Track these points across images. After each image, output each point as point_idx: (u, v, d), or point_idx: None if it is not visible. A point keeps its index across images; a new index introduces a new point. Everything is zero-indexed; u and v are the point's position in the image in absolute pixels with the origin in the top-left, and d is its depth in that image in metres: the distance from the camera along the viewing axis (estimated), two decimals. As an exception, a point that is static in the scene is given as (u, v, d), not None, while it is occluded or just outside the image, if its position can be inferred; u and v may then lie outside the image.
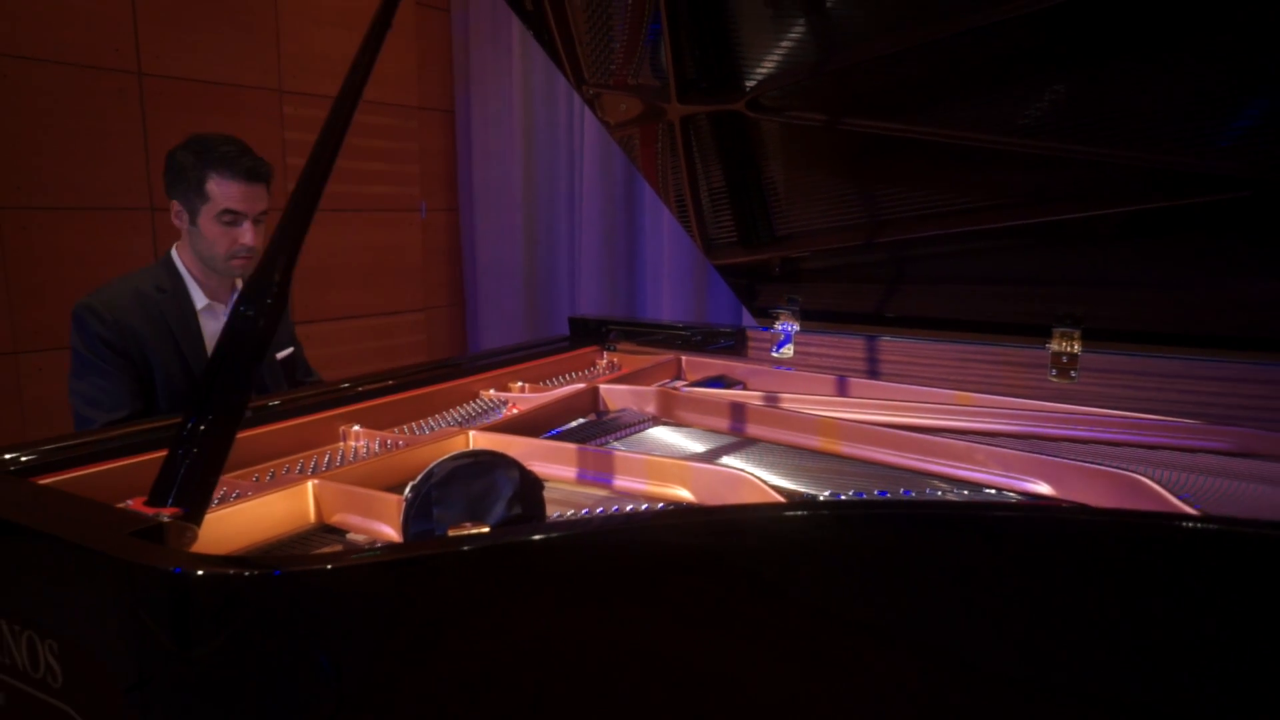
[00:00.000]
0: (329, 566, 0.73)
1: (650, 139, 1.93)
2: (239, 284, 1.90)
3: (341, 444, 1.42)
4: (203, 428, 0.81)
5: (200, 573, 0.70)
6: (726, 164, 1.87)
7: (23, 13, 3.33)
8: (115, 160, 3.60)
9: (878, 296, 1.89)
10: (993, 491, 1.21)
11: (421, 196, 4.90)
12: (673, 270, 4.17)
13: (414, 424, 1.55)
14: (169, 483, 0.80)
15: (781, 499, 1.04)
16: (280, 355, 1.95)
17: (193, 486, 0.79)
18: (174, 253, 1.88)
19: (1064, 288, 1.68)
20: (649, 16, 1.74)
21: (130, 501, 0.92)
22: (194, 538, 0.78)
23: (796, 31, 1.63)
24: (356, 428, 1.44)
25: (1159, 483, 1.09)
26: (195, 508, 0.79)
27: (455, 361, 1.86)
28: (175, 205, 1.81)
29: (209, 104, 3.86)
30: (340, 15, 4.33)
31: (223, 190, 1.74)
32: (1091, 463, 1.17)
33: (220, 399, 0.83)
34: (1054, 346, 1.67)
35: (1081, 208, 1.55)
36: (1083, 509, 1.04)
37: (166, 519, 0.76)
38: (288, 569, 0.72)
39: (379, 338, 4.70)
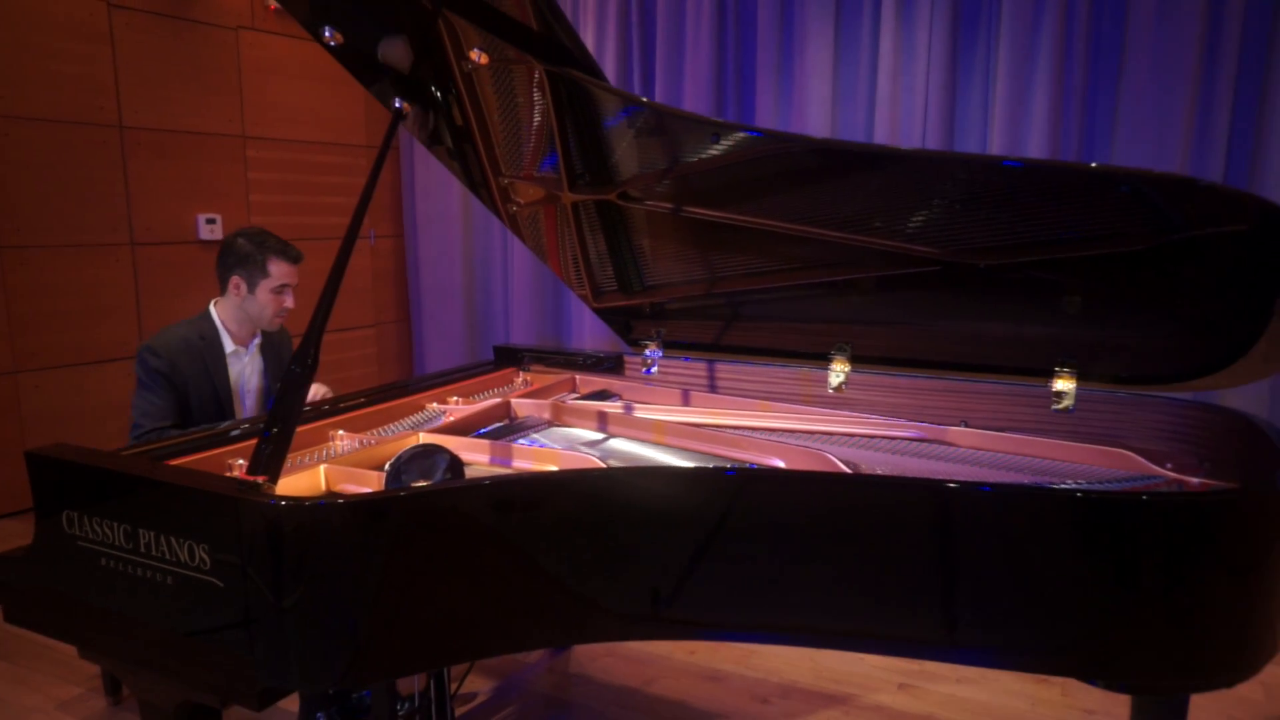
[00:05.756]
0: (350, 501, 1.46)
1: (551, 215, 2.67)
2: (259, 334, 2.64)
3: (331, 443, 2.14)
4: (275, 430, 1.54)
5: (284, 504, 1.43)
6: (607, 234, 2.62)
7: (21, 80, 3.97)
8: (100, 202, 4.25)
9: (717, 331, 2.65)
10: (750, 465, 1.97)
11: (370, 225, 5.56)
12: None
13: (380, 429, 2.27)
14: (259, 461, 1.52)
15: (591, 467, 1.79)
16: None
17: (273, 464, 1.52)
18: (212, 310, 2.58)
19: (838, 325, 2.46)
20: (548, 130, 2.47)
21: (237, 471, 1.65)
22: (273, 491, 1.50)
23: (648, 148, 2.38)
24: (341, 432, 2.16)
25: (840, 459, 1.87)
26: (273, 475, 1.52)
27: (407, 383, 2.58)
28: (235, 279, 2.51)
29: (181, 150, 4.51)
30: (295, 68, 4.99)
31: (280, 270, 2.50)
32: (805, 445, 1.95)
33: (282, 416, 1.56)
34: (833, 366, 2.45)
35: (846, 272, 2.33)
36: (776, 470, 1.81)
37: (261, 481, 1.48)
38: (329, 502, 1.45)
39: (334, 351, 5.35)
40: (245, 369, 2.62)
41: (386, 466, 1.61)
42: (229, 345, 2.56)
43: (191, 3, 4.45)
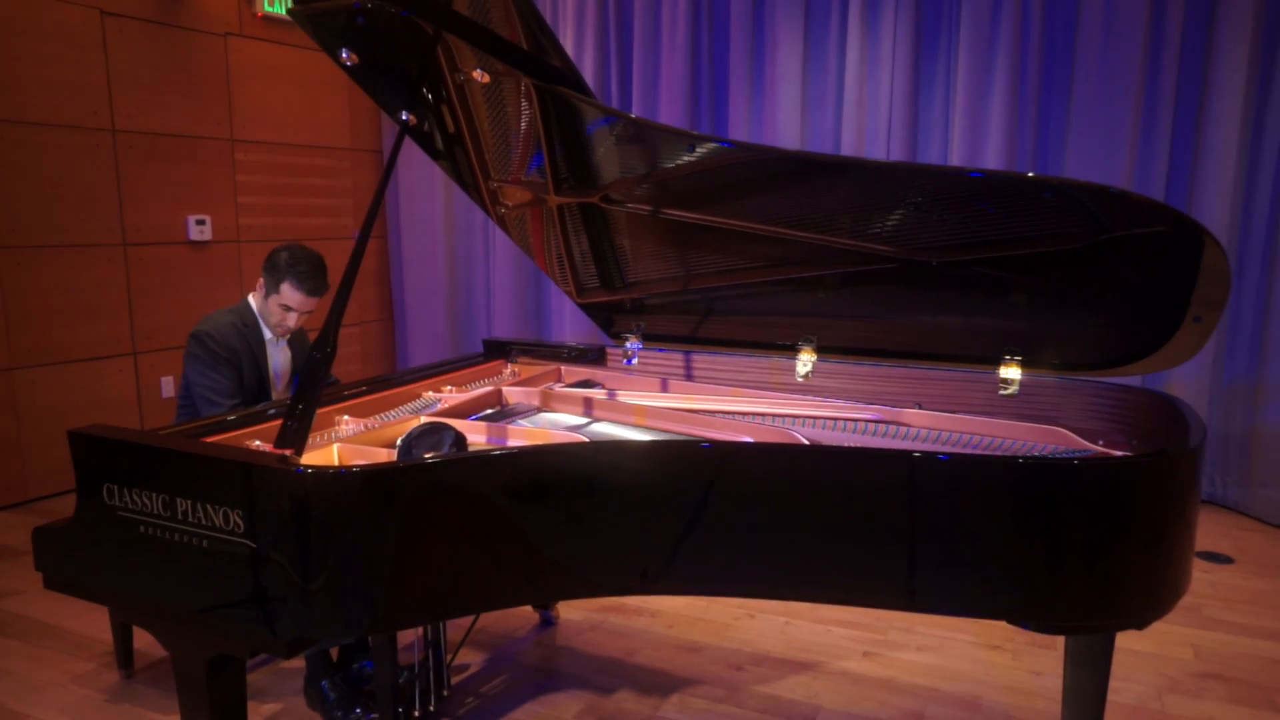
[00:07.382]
0: (367, 469, 1.66)
1: (538, 216, 2.88)
2: None
3: (338, 427, 2.33)
4: (300, 407, 1.74)
5: (310, 470, 1.63)
6: (591, 234, 2.84)
7: (16, 86, 4.11)
8: (93, 204, 4.40)
9: (693, 324, 2.88)
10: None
11: (354, 226, 5.72)
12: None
13: (382, 414, 2.46)
14: (285, 437, 1.72)
15: (584, 440, 2.00)
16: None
17: (298, 439, 1.72)
18: (251, 300, 2.83)
19: (805, 318, 2.69)
20: (535, 137, 2.68)
21: (264, 447, 1.85)
22: (299, 462, 1.70)
23: (628, 156, 2.59)
24: (346, 417, 2.35)
25: (804, 437, 2.09)
26: (299, 449, 1.72)
27: (405, 373, 2.78)
28: (262, 280, 2.75)
29: (171, 153, 4.67)
30: (281, 73, 5.16)
31: (289, 294, 2.71)
32: (768, 424, 2.17)
33: (306, 397, 1.76)
34: (801, 356, 2.67)
35: (812, 269, 2.55)
36: (751, 444, 2.03)
37: (289, 454, 1.68)
38: (349, 470, 1.65)
39: (319, 350, 5.49)
40: (278, 356, 2.88)
41: (398, 441, 1.81)
42: (267, 333, 2.82)
43: (181, 10, 4.61)
